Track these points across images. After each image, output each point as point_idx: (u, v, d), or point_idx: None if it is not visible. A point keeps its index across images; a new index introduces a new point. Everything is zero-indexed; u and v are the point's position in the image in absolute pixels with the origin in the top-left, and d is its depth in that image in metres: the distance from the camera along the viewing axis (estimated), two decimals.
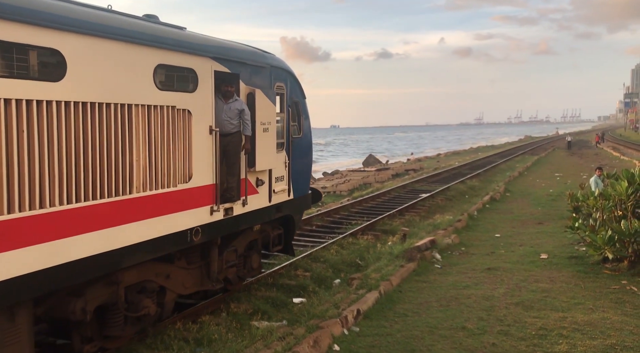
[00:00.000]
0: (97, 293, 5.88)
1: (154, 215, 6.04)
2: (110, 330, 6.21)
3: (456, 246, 12.19)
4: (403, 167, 36.07)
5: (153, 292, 6.68)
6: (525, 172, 31.91)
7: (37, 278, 4.73)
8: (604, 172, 13.71)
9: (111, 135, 5.44)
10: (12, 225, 4.50)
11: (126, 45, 5.60)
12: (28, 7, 4.64)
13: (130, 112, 5.67)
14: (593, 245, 9.71)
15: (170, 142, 6.24)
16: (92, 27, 5.21)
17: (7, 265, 4.46)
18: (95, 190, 5.30)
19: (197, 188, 6.70)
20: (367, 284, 8.68)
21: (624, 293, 8.49)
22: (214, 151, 6.93)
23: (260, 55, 8.24)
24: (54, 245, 4.87)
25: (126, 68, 5.62)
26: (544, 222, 15.44)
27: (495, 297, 8.37)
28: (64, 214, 4.96)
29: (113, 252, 5.52)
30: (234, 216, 7.45)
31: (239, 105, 7.35)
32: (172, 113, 6.24)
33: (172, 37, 6.35)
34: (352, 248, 11.94)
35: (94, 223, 5.29)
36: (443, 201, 20.07)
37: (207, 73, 6.82)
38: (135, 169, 5.76)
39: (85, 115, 5.15)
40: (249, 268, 8.76)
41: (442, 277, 9.60)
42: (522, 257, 11.00)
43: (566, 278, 9.38)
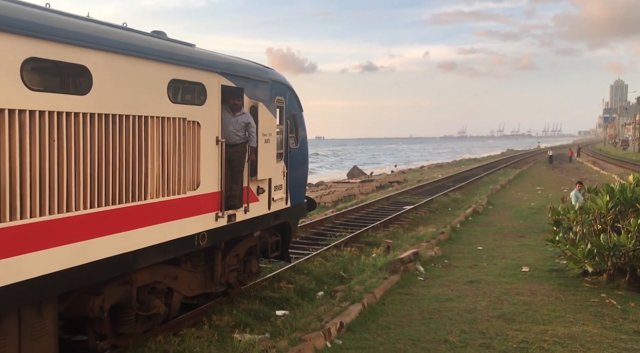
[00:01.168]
0: (113, 292, 6.26)
1: (166, 220, 6.44)
2: (123, 328, 6.56)
3: (439, 258, 12.26)
4: (387, 179, 36.23)
5: (162, 293, 7.07)
6: (507, 185, 32.28)
7: (63, 277, 5.09)
8: (584, 186, 13.94)
9: (129, 144, 5.85)
10: (43, 226, 4.87)
11: (144, 61, 6.05)
12: (62, 27, 5.07)
13: (147, 124, 6.08)
14: (573, 258, 9.83)
15: (181, 152, 6.64)
16: (115, 44, 5.64)
17: (38, 263, 4.83)
18: (114, 195, 5.68)
19: (204, 195, 7.10)
20: (351, 297, 8.66)
21: (603, 306, 8.60)
22: (220, 160, 7.36)
23: (262, 70, 8.77)
24: (78, 246, 5.26)
25: (144, 82, 6.05)
26: (526, 235, 15.61)
27: (477, 309, 8.41)
28: (87, 217, 5.35)
29: (129, 254, 5.89)
30: (237, 222, 7.86)
31: (245, 118, 7.81)
32: (183, 124, 6.66)
33: (184, 53, 6.82)
34: (336, 260, 11.93)
35: (112, 226, 5.67)
36: (426, 213, 20.19)
37: (215, 87, 7.26)
38: (149, 176, 6.16)
39: (107, 126, 5.54)
40: (249, 273, 9.15)
41: (425, 290, 9.63)
42: (504, 270, 11.09)
43: (547, 291, 9.47)
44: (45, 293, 5.08)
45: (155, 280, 6.92)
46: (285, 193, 9.36)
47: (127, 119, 5.79)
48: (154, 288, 6.93)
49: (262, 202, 8.60)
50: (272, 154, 8.66)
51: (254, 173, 8.17)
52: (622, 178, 27.20)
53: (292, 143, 9.67)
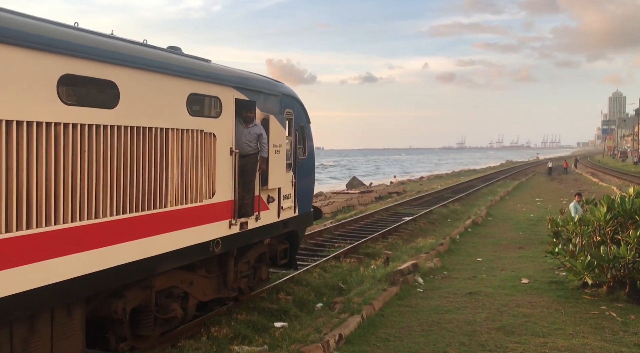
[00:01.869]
0: (134, 295, 6.57)
1: (184, 227, 6.75)
2: (142, 330, 6.86)
3: (438, 270, 12.22)
4: (386, 189, 36.24)
5: (178, 297, 7.40)
6: (506, 197, 32.29)
7: (90, 279, 5.40)
8: (583, 197, 13.95)
9: (152, 155, 6.19)
10: (74, 231, 5.19)
11: (167, 76, 6.42)
12: (93, 45, 5.43)
13: (168, 135, 6.43)
14: (573, 270, 9.81)
15: (198, 162, 6.97)
16: (140, 61, 6.01)
17: (69, 266, 5.15)
18: (137, 203, 5.99)
19: (219, 203, 7.42)
20: (350, 308, 8.63)
21: (603, 318, 8.56)
22: (234, 170, 7.71)
23: (273, 84, 9.19)
24: (104, 250, 5.56)
25: (166, 96, 6.41)
26: (525, 246, 15.58)
27: (476, 321, 8.38)
28: (113, 224, 5.66)
29: (150, 259, 6.18)
30: (249, 230, 8.17)
31: (258, 130, 8.18)
32: (200, 136, 7.00)
33: (202, 69, 7.20)
34: (334, 272, 11.88)
35: (136, 232, 5.97)
36: (426, 224, 20.17)
37: (229, 100, 7.64)
38: (169, 185, 6.48)
39: (133, 138, 5.89)
40: (259, 279, 9.51)
41: (424, 301, 9.59)
42: (504, 282, 11.06)
43: (547, 303, 9.44)
44: (75, 294, 5.38)
45: (173, 285, 7.22)
46: (293, 202, 9.70)
47: (150, 131, 6.13)
48: (171, 293, 7.24)
49: (272, 211, 8.92)
50: (282, 164, 9.01)
51: (265, 182, 8.52)
52: (621, 190, 27.22)
53: (300, 153, 10.03)
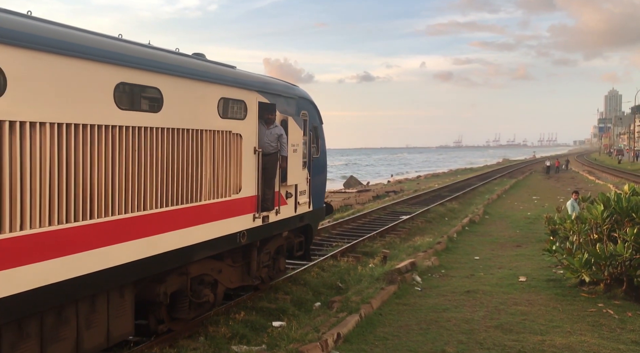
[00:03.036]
0: (173, 281, 7.25)
1: (215, 220, 7.42)
2: (179, 313, 7.54)
3: (436, 268, 12.23)
4: (384, 188, 36.25)
5: (209, 284, 8.06)
6: (503, 195, 32.34)
7: (139, 265, 6.05)
8: (580, 195, 13.98)
9: (189, 154, 6.85)
10: (126, 222, 5.84)
11: (202, 82, 7.10)
12: (142, 56, 6.14)
13: (202, 136, 7.09)
14: (570, 268, 9.83)
15: (227, 160, 7.66)
16: (180, 69, 6.70)
17: (122, 253, 5.80)
18: (177, 197, 6.66)
19: (245, 198, 8.12)
20: (348, 307, 8.62)
21: (600, 316, 8.58)
22: (257, 168, 8.39)
23: (291, 88, 9.95)
24: (151, 240, 6.22)
25: (200, 100, 7.07)
26: (522, 244, 15.61)
27: (474, 320, 8.38)
28: (158, 216, 6.32)
29: (187, 248, 6.86)
30: (270, 223, 8.86)
31: (278, 130, 8.84)
32: (229, 136, 7.68)
33: (230, 75, 7.91)
34: (332, 271, 11.88)
35: (176, 224, 6.64)
36: (423, 223, 20.18)
37: (253, 104, 8.32)
38: (204, 181, 7.13)
39: (173, 138, 6.55)
40: (277, 270, 10.16)
41: (422, 300, 9.60)
42: (501, 280, 11.07)
43: (544, 301, 9.46)
44: (127, 278, 6.05)
45: (204, 273, 7.89)
46: (308, 197, 10.37)
47: (188, 132, 6.81)
48: (202, 280, 7.91)
49: (290, 206, 9.59)
50: (299, 162, 9.67)
51: (284, 179, 9.16)
52: (617, 187, 27.30)
53: (313, 152, 10.69)
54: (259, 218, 8.45)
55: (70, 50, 5.16)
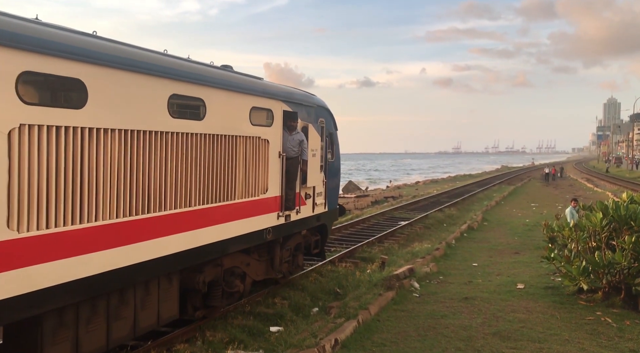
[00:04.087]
0: (210, 271, 8.01)
1: (246, 217, 8.20)
2: (213, 301, 8.27)
3: (434, 275, 12.22)
4: (382, 194, 36.26)
5: (239, 276, 8.84)
6: (502, 202, 32.35)
7: (184, 255, 6.82)
8: (579, 203, 13.98)
9: (226, 157, 7.64)
10: (176, 217, 6.63)
11: (237, 93, 7.94)
12: (192, 71, 6.97)
13: (237, 141, 7.89)
14: (568, 276, 9.82)
15: (256, 163, 8.42)
16: (219, 81, 7.50)
17: (172, 244, 6.57)
18: (217, 195, 7.42)
19: (271, 198, 8.88)
20: (346, 313, 8.60)
21: (598, 324, 8.57)
22: (281, 170, 9.15)
23: (310, 97, 10.75)
24: (195, 233, 6.98)
25: (235, 109, 7.90)
26: (521, 251, 15.61)
27: (472, 326, 8.37)
28: (201, 212, 7.10)
29: (223, 242, 7.64)
30: (291, 221, 9.62)
31: (300, 137, 9.58)
32: (258, 142, 8.46)
33: (260, 86, 8.69)
34: (331, 276, 11.86)
35: (215, 219, 7.40)
36: (421, 229, 20.17)
37: (279, 112, 9.12)
38: (237, 181, 7.91)
39: (215, 143, 7.35)
40: (296, 265, 10.90)
41: (420, 306, 9.58)
42: (499, 287, 11.06)
43: (542, 308, 9.45)
44: (175, 266, 6.82)
45: (235, 265, 8.65)
46: (324, 199, 11.11)
47: (225, 138, 7.60)
48: (233, 272, 8.68)
49: (309, 206, 10.33)
50: (317, 166, 10.48)
51: (304, 181, 9.97)
52: (616, 195, 27.33)
53: (329, 157, 11.43)
54: (282, 216, 9.22)
55: (135, 66, 5.98)
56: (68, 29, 5.57)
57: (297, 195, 9.64)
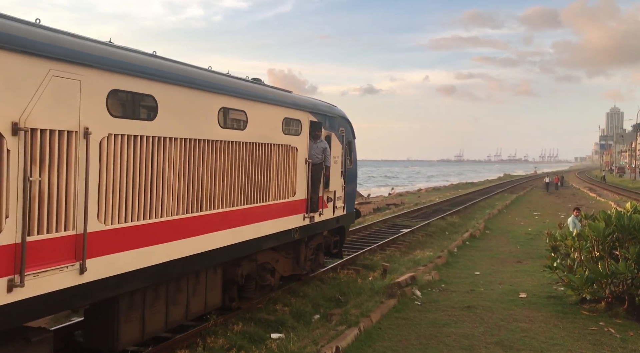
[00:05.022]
0: (246, 266, 8.91)
1: (277, 217, 9.06)
2: (247, 293, 9.23)
3: (436, 283, 12.17)
4: (384, 201, 36.19)
5: (269, 271, 9.74)
6: (504, 210, 32.28)
7: (227, 250, 7.69)
8: (582, 212, 13.92)
9: (263, 162, 8.56)
10: (223, 215, 7.55)
11: (273, 106, 8.88)
12: (237, 87, 7.93)
13: (272, 149, 8.81)
14: (571, 285, 9.77)
15: (287, 168, 9.32)
16: (259, 95, 8.47)
17: (218, 240, 7.44)
18: (254, 197, 8.35)
19: (298, 200, 9.78)
20: (347, 320, 8.56)
21: (601, 334, 8.52)
22: (307, 175, 10.04)
23: (332, 108, 11.63)
24: (238, 230, 7.91)
25: (271, 120, 8.85)
26: (523, 260, 15.55)
27: (474, 335, 8.32)
28: (242, 211, 8.02)
29: (258, 239, 8.52)
30: (315, 222, 10.49)
31: (323, 145, 10.51)
32: (288, 149, 9.38)
33: (290, 99, 9.65)
34: (332, 283, 11.82)
35: (253, 218, 8.33)
36: (423, 237, 20.12)
37: (306, 122, 10.04)
38: (271, 185, 8.80)
39: (254, 150, 8.29)
40: (317, 264, 11.84)
41: (421, 314, 9.54)
42: (502, 296, 11.01)
43: (545, 318, 9.39)
44: (220, 259, 7.69)
45: (266, 261, 9.54)
46: (343, 202, 11.91)
47: (262, 146, 8.51)
48: (265, 267, 9.55)
49: (330, 209, 11.18)
50: (338, 172, 11.37)
51: (327, 186, 10.82)
52: (618, 205, 27.24)
53: (347, 163, 12.16)
54: (307, 218, 10.08)
55: (193, 83, 6.88)
56: (139, 51, 6.44)
57: (320, 199, 10.54)
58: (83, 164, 5.31)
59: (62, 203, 5.16)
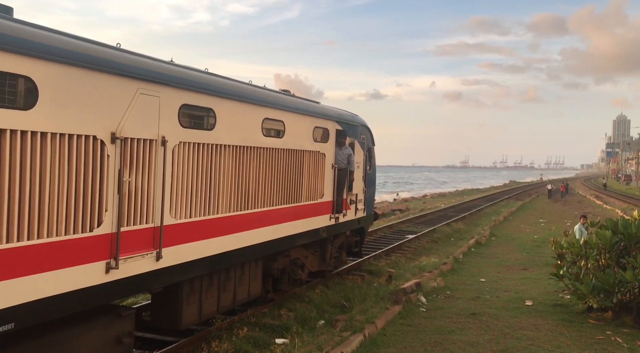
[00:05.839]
0: (282, 260, 9.77)
1: (308, 217, 9.98)
2: (282, 286, 10.16)
3: (441, 289, 12.12)
4: (389, 207, 36.12)
5: (300, 266, 10.62)
6: (510, 217, 32.15)
7: (266, 245, 8.66)
8: (588, 220, 13.85)
9: (298, 167, 9.54)
10: (263, 214, 8.47)
11: (305, 116, 9.84)
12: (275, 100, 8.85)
13: (304, 155, 9.78)
14: (577, 294, 9.70)
15: (316, 173, 10.26)
16: (294, 107, 9.44)
17: (259, 236, 8.41)
18: (289, 198, 9.29)
19: (325, 202, 10.69)
20: (352, 326, 8.54)
21: (608, 344, 8.45)
22: (333, 180, 10.94)
23: (355, 117, 12.57)
24: (275, 227, 8.84)
25: (303, 129, 9.81)
26: (529, 267, 15.47)
27: (480, 343, 8.28)
28: (280, 211, 8.98)
29: (292, 236, 9.48)
30: (339, 223, 11.39)
31: (348, 151, 11.38)
32: (318, 155, 10.34)
33: (320, 110, 10.62)
34: (337, 289, 11.79)
35: (287, 218, 9.24)
36: (429, 243, 20.06)
37: (333, 130, 11.00)
38: (303, 187, 9.76)
39: (289, 156, 9.25)
40: (340, 261, 12.73)
41: (427, 321, 9.50)
42: (507, 303, 10.95)
43: (551, 326, 9.33)
44: (261, 253, 8.68)
45: (298, 257, 10.47)
46: (363, 205, 12.74)
47: (296, 152, 9.49)
48: (296, 262, 10.45)
49: (352, 210, 12.04)
50: (360, 176, 12.29)
51: (350, 189, 11.72)
52: (625, 213, 27.08)
53: (368, 169, 12.98)
54: (333, 218, 10.97)
55: (243, 97, 7.91)
56: (200, 70, 7.44)
57: (344, 201, 11.44)
58: (161, 167, 6.30)
59: (145, 200, 6.10)
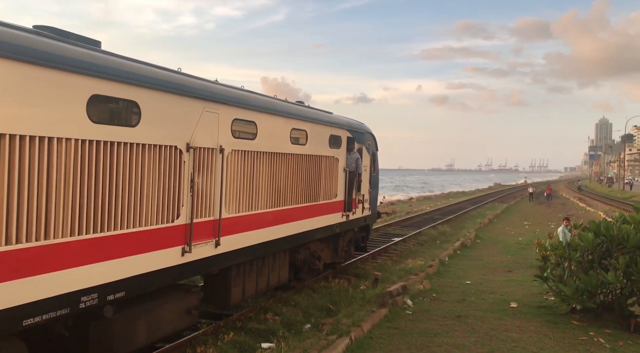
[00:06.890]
0: (303, 253, 11.22)
1: (325, 214, 11.37)
2: (302, 275, 11.63)
3: (427, 292, 12.16)
4: None
5: (317, 258, 12.04)
6: (495, 220, 32.40)
7: (292, 238, 10.01)
8: (571, 222, 14.01)
9: (316, 170, 10.86)
10: (290, 211, 9.86)
11: (322, 125, 11.22)
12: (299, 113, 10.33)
13: (321, 159, 11.11)
14: (561, 295, 9.79)
15: (331, 175, 11.61)
16: (314, 118, 10.89)
17: (287, 230, 9.78)
18: (310, 197, 10.63)
19: (338, 201, 12.07)
20: (338, 330, 8.52)
21: (591, 345, 8.54)
22: (345, 181, 12.32)
23: (362, 126, 14.09)
24: (298, 223, 10.22)
25: (321, 137, 11.14)
26: (514, 270, 15.59)
27: (465, 345, 8.32)
28: (302, 208, 10.36)
29: (312, 231, 10.89)
30: (349, 220, 12.80)
31: (356, 156, 12.89)
32: (332, 160, 11.70)
33: (334, 119, 12.05)
34: (323, 292, 11.79)
35: (308, 214, 10.60)
36: (415, 246, 20.14)
37: (344, 137, 12.40)
38: (320, 188, 11.07)
39: (309, 161, 10.59)
40: (349, 254, 14.22)
41: (413, 324, 9.52)
42: (492, 305, 11.02)
43: (535, 328, 9.41)
44: (289, 244, 10.06)
45: (315, 250, 11.88)
46: (369, 204, 14.20)
47: (316, 157, 10.85)
48: (314, 255, 11.85)
49: (359, 209, 13.44)
50: (366, 178, 13.74)
51: (358, 190, 13.15)
52: (608, 215, 27.45)
53: (372, 171, 14.38)
54: (344, 215, 12.38)
55: (277, 111, 9.35)
56: (243, 89, 8.78)
57: (353, 201, 12.79)
58: (219, 171, 7.65)
59: (208, 197, 7.40)
